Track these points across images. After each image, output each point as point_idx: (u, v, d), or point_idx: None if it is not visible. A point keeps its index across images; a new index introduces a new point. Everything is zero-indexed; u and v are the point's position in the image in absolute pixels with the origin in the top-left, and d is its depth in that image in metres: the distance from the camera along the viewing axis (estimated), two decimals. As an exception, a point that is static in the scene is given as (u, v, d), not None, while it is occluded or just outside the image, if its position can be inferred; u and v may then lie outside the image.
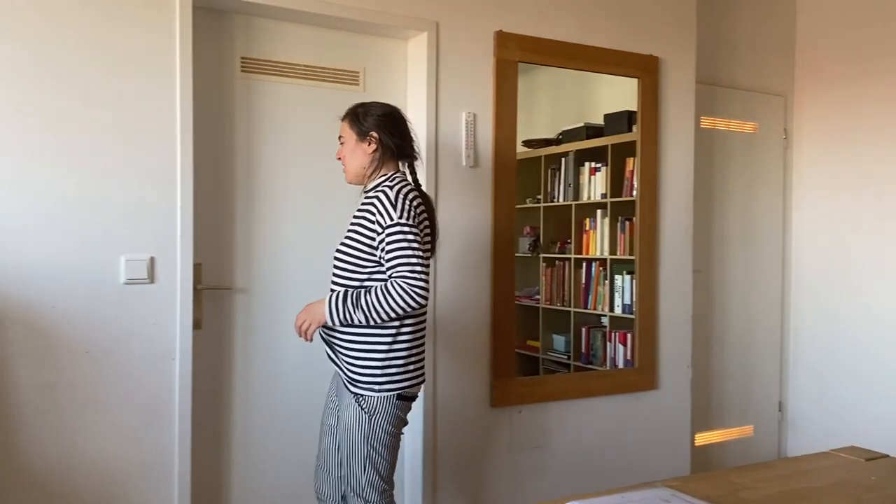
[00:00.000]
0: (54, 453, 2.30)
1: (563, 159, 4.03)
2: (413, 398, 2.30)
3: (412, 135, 2.34)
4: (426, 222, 2.27)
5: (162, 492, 2.45)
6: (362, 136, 2.27)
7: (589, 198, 3.90)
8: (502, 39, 2.99)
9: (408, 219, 2.14)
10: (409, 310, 2.12)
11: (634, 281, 3.48)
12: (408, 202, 2.17)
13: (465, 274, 2.98)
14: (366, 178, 2.30)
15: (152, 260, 2.42)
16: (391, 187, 2.19)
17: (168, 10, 2.42)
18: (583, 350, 3.98)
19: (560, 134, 3.99)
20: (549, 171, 4.10)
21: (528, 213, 4.00)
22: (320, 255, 2.80)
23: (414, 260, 2.11)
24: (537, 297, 4.20)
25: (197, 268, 2.53)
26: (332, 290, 2.23)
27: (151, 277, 2.42)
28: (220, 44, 2.65)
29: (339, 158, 2.33)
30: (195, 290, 2.51)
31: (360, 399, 2.19)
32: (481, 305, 3.01)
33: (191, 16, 2.44)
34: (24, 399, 2.27)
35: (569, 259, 4.05)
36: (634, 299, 3.48)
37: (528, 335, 3.99)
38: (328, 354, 2.29)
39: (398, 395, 2.22)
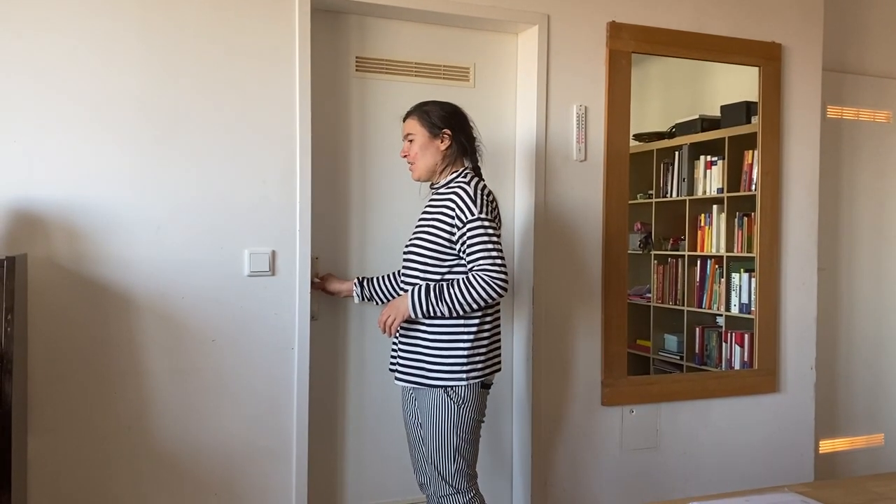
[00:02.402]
0: (183, 436, 2.44)
1: (676, 153, 3.90)
2: (490, 385, 2.40)
3: (475, 132, 2.41)
4: (499, 220, 2.33)
5: (281, 474, 2.55)
6: (435, 133, 2.33)
7: (704, 192, 3.76)
8: (615, 30, 2.93)
9: (487, 214, 2.22)
10: (490, 301, 2.21)
11: (754, 279, 3.33)
12: (485, 197, 2.25)
13: (575, 271, 2.94)
14: (436, 175, 2.37)
15: (273, 253, 2.51)
16: (467, 183, 2.27)
17: (288, 13, 2.51)
18: (696, 350, 3.85)
19: (673, 127, 3.87)
20: (662, 165, 3.98)
21: (638, 208, 3.89)
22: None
23: (495, 253, 2.20)
24: (648, 295, 4.09)
25: (314, 261, 2.61)
26: (410, 286, 2.32)
27: (273, 270, 2.51)
28: (336, 44, 2.72)
29: (405, 156, 2.39)
30: (312, 282, 2.59)
31: (449, 390, 2.26)
32: (592, 303, 2.96)
33: (309, 17, 2.52)
34: (157, 384, 2.41)
35: (682, 256, 3.92)
36: (754, 298, 3.33)
37: (638, 334, 3.88)
38: (397, 356, 2.38)
39: (482, 382, 2.31)
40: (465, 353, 2.26)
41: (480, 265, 2.20)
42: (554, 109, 2.87)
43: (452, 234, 2.25)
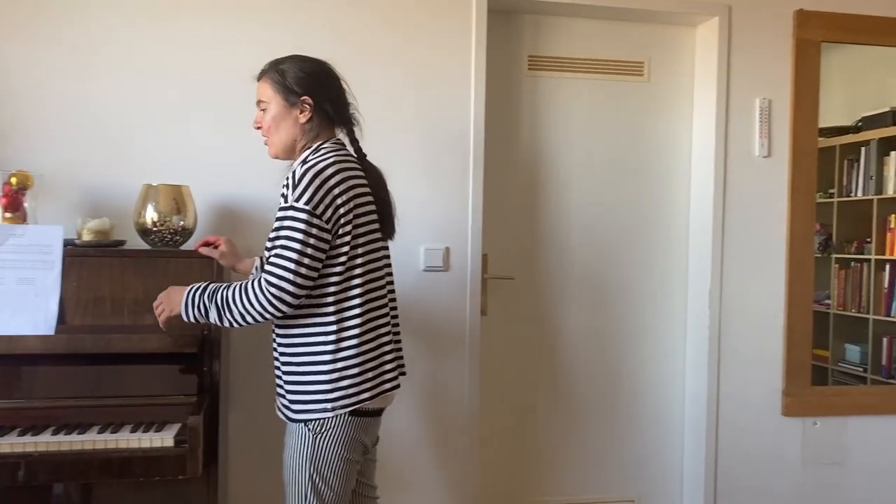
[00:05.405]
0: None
1: (862, 149, 3.63)
2: (379, 413, 1.86)
3: (348, 96, 1.88)
4: (362, 208, 1.78)
5: (456, 463, 2.60)
6: (292, 102, 1.81)
7: (894, 192, 3.48)
8: (803, 18, 2.76)
9: (313, 206, 1.68)
10: (260, 319, 1.69)
11: (956, 286, 3.03)
12: (320, 181, 1.69)
13: (755, 273, 2.79)
14: (297, 152, 1.85)
15: (447, 250, 2.57)
16: (306, 160, 1.75)
17: (465, 14, 2.56)
18: (883, 362, 3.57)
19: (860, 120, 3.61)
20: (846, 162, 3.72)
21: (819, 208, 3.66)
22: (602, 245, 2.80)
23: (293, 259, 1.66)
24: (827, 301, 3.83)
25: (484, 258, 2.64)
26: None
27: (446, 266, 2.57)
28: (509, 44, 2.74)
29: (258, 128, 1.87)
30: (483, 279, 2.62)
31: (309, 422, 1.75)
32: (774, 308, 2.80)
33: (486, 18, 2.55)
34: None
35: (868, 260, 3.65)
36: (957, 307, 3.03)
37: (816, 343, 3.64)
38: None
39: (352, 411, 1.75)
40: (327, 376, 1.73)
41: (268, 269, 1.68)
42: (735, 103, 2.74)
43: None
